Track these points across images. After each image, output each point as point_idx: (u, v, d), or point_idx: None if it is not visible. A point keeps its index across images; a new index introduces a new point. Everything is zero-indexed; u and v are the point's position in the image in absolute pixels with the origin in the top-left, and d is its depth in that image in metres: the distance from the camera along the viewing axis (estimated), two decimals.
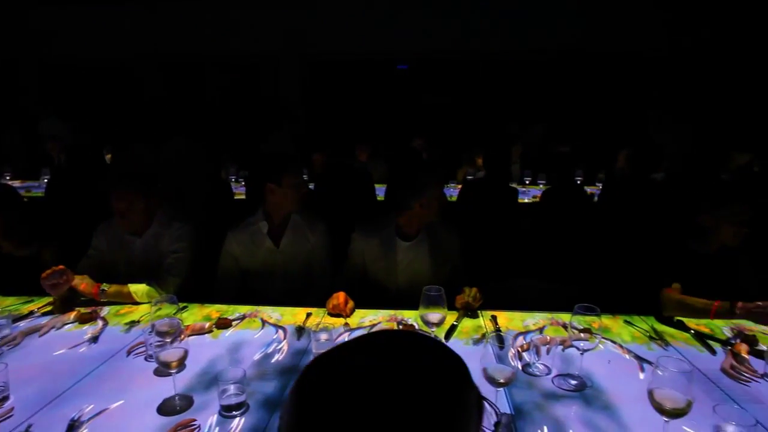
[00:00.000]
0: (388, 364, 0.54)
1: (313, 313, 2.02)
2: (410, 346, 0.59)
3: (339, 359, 0.56)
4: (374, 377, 0.52)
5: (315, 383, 0.54)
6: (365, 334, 0.61)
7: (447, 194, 4.91)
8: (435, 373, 0.55)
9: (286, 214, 2.34)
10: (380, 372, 0.53)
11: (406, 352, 0.58)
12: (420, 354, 0.58)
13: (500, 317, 1.95)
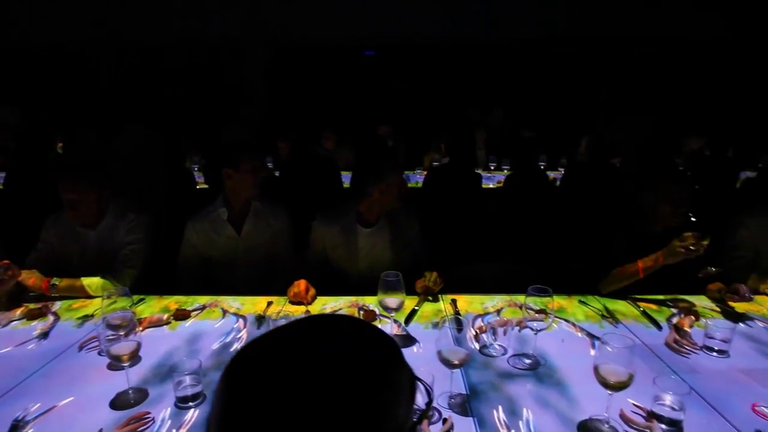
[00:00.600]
0: (317, 346, 0.55)
1: (274, 302, 2.00)
2: (341, 329, 0.60)
3: (269, 343, 0.56)
4: (302, 359, 0.53)
5: (243, 366, 0.54)
6: (299, 318, 0.61)
7: (414, 180, 4.97)
8: (363, 355, 0.55)
9: (247, 201, 2.31)
10: (308, 354, 0.53)
11: (336, 335, 0.58)
12: (350, 337, 0.58)
13: (460, 300, 1.99)
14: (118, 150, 3.46)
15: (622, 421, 1.25)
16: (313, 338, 0.56)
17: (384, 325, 1.78)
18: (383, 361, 0.56)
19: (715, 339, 1.57)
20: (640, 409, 1.28)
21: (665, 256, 1.88)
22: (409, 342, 1.67)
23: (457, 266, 2.45)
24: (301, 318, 0.61)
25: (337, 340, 0.56)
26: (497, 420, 1.26)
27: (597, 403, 1.25)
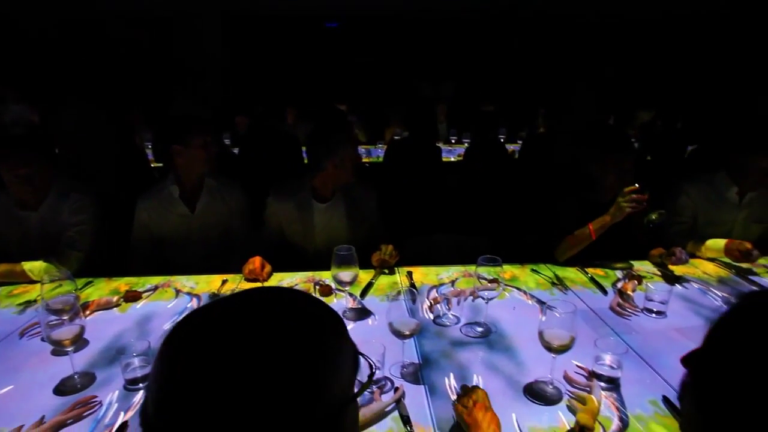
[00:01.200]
0: (256, 317, 0.54)
1: (230, 280, 1.98)
2: (282, 301, 0.60)
3: (208, 313, 0.56)
4: (238, 329, 0.52)
5: (180, 335, 0.53)
6: (239, 291, 0.61)
7: (375, 155, 4.94)
8: (303, 326, 0.55)
9: (199, 178, 2.24)
10: (245, 324, 0.53)
11: (277, 307, 0.58)
12: (291, 308, 0.58)
13: (416, 272, 2.01)
14: (60, 126, 3.28)
15: (566, 382, 1.30)
16: (253, 309, 0.56)
17: (340, 299, 1.79)
18: (323, 333, 0.56)
19: (654, 301, 1.66)
20: (582, 370, 1.34)
21: (613, 215, 1.95)
22: (365, 315, 1.68)
23: (414, 238, 2.48)
24: (244, 290, 0.61)
25: (277, 312, 0.56)
26: (448, 387, 1.30)
27: (543, 366, 1.30)
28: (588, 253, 2.09)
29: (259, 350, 0.50)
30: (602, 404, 1.20)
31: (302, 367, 0.52)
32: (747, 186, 2.17)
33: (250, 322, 0.53)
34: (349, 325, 1.62)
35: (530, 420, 1.16)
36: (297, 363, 0.51)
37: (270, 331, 0.53)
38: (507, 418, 1.17)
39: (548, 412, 1.21)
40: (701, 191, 2.25)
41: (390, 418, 1.18)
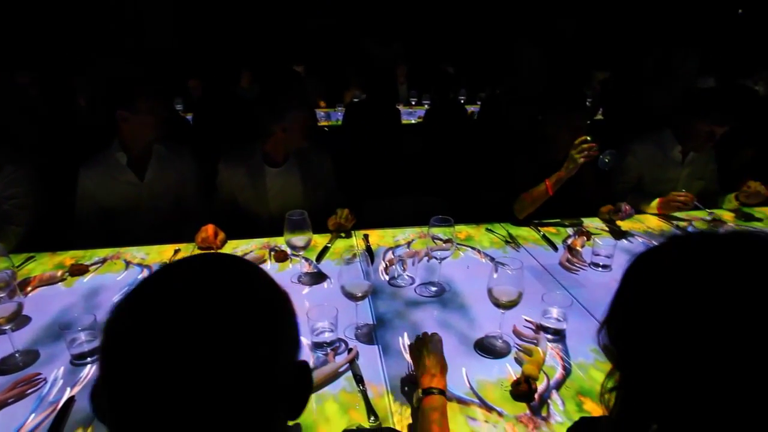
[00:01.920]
0: (197, 285, 0.53)
1: (182, 249, 1.93)
2: (228, 267, 0.58)
3: (156, 283, 0.54)
4: (188, 299, 0.51)
5: (129, 307, 0.52)
6: (181, 258, 0.59)
7: (334, 118, 4.85)
8: (251, 294, 0.54)
9: (147, 144, 2.14)
10: (195, 293, 0.51)
11: (224, 274, 0.56)
12: (235, 275, 0.57)
13: (372, 235, 2.01)
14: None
15: (515, 336, 1.35)
16: (202, 276, 0.54)
17: (295, 264, 1.77)
18: (272, 300, 0.56)
19: (601, 255, 1.72)
20: (530, 324, 1.39)
21: (567, 168, 1.98)
22: (320, 279, 1.68)
23: (373, 201, 2.47)
24: (186, 257, 0.59)
25: (227, 278, 0.55)
26: (401, 345, 1.32)
27: (493, 322, 1.34)
28: (543, 212, 2.14)
29: (212, 318, 0.49)
30: (548, 355, 1.26)
31: (257, 333, 0.51)
32: (690, 146, 2.25)
33: (201, 290, 0.52)
34: (305, 290, 1.62)
35: (479, 374, 1.21)
36: (251, 330, 0.51)
37: (222, 297, 0.52)
38: (457, 372, 1.21)
39: (497, 365, 1.25)
40: (647, 150, 2.32)
41: (343, 378, 1.20)
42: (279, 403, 0.53)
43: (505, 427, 1.04)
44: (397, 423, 1.06)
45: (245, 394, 0.48)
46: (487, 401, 1.11)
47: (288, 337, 0.57)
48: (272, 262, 1.83)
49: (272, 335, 0.53)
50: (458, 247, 1.92)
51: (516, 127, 3.34)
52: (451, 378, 1.18)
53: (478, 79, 5.68)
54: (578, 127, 2.01)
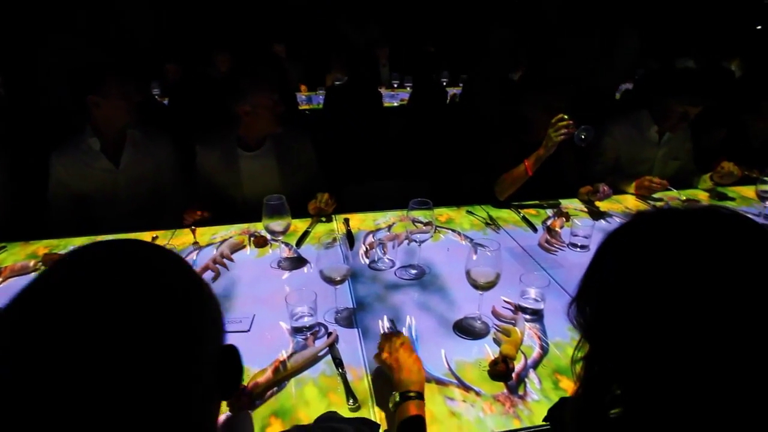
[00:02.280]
0: (90, 274, 0.49)
1: (160, 236, 1.90)
2: (122, 257, 0.54)
3: (49, 274, 0.51)
4: (69, 288, 0.48)
5: (21, 296, 0.48)
6: (87, 244, 0.55)
7: (316, 102, 4.79)
8: (127, 282, 0.50)
9: (121, 130, 2.08)
10: (78, 282, 0.48)
11: (114, 263, 0.52)
12: (145, 262, 0.53)
13: (353, 219, 2.00)
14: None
15: (494, 316, 1.37)
16: (95, 266, 0.51)
17: (275, 250, 1.76)
18: (169, 289, 0.52)
19: (579, 236, 1.74)
20: (509, 304, 1.41)
21: (545, 147, 1.98)
22: (301, 264, 1.67)
23: (354, 185, 2.45)
24: (92, 243, 0.55)
25: (138, 265, 0.52)
26: (381, 328, 1.33)
27: (473, 304, 1.35)
28: (523, 194, 2.15)
29: (113, 307, 0.46)
30: (525, 335, 1.27)
31: (163, 322, 0.48)
32: (666, 126, 2.27)
33: (102, 278, 0.49)
34: (285, 275, 1.61)
35: (458, 354, 1.22)
36: (156, 318, 0.48)
37: (125, 285, 0.49)
38: (436, 354, 1.22)
39: (476, 345, 1.26)
40: (625, 130, 2.34)
41: (323, 362, 1.20)
42: (196, 388, 0.50)
43: (482, 406, 1.06)
44: (377, 405, 1.06)
45: (153, 383, 0.46)
46: (466, 381, 1.13)
47: (202, 324, 0.54)
48: (252, 247, 1.81)
49: (181, 323, 0.50)
50: (439, 229, 1.92)
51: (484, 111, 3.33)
52: (430, 359, 1.20)
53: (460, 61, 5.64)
54: (556, 107, 2.01)
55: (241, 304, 1.45)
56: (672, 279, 0.54)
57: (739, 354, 0.51)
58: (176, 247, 1.80)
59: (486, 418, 1.03)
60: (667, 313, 0.53)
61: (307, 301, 1.29)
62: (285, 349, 1.23)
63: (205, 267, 1.63)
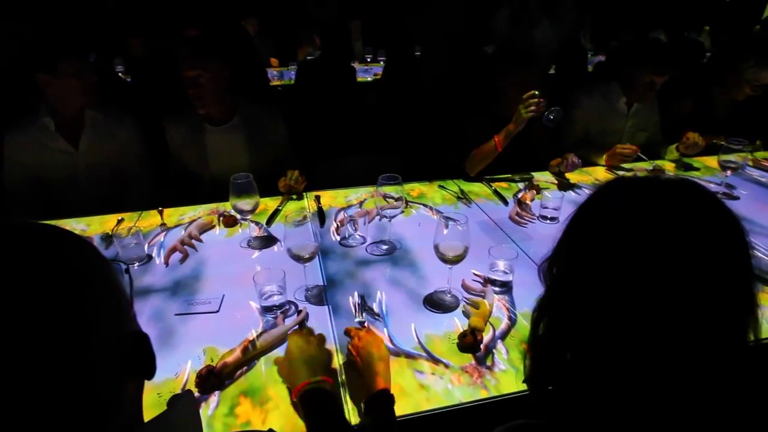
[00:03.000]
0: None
1: (126, 218, 1.85)
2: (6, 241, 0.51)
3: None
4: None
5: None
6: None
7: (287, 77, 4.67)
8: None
9: (78, 110, 1.99)
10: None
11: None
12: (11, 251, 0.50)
13: (324, 196, 1.98)
14: None
15: (463, 290, 1.38)
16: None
17: (245, 229, 1.73)
18: (58, 276, 0.48)
19: (548, 208, 1.76)
20: (479, 277, 1.42)
21: (515, 122, 1.98)
22: (271, 242, 1.65)
23: (327, 162, 2.42)
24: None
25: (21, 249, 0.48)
26: (351, 305, 1.32)
27: (443, 278, 1.36)
28: (495, 168, 2.15)
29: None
30: (494, 307, 1.29)
31: (50, 309, 0.44)
32: (634, 97, 2.29)
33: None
34: (255, 254, 1.59)
35: (427, 328, 1.23)
36: (42, 306, 0.44)
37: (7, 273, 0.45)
38: (406, 328, 1.22)
39: (447, 319, 1.28)
40: (594, 102, 2.35)
41: None
42: (91, 372, 0.47)
43: (451, 378, 1.07)
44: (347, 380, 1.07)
45: (45, 371, 0.42)
46: (434, 354, 1.14)
47: (101, 309, 0.50)
48: (221, 227, 1.78)
49: (71, 309, 0.46)
50: (411, 204, 1.92)
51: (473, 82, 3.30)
52: (400, 333, 1.20)
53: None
54: (527, 81, 2.00)
55: (210, 285, 1.43)
56: (638, 245, 0.55)
57: (690, 317, 0.54)
58: (142, 230, 1.75)
59: (454, 390, 1.04)
60: (629, 279, 0.55)
61: (275, 279, 1.27)
62: (255, 329, 1.23)
63: (172, 248, 1.60)
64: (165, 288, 1.41)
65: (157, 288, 1.41)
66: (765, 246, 1.61)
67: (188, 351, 1.16)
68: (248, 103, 2.11)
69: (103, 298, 0.50)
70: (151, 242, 1.68)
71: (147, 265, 1.54)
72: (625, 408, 0.58)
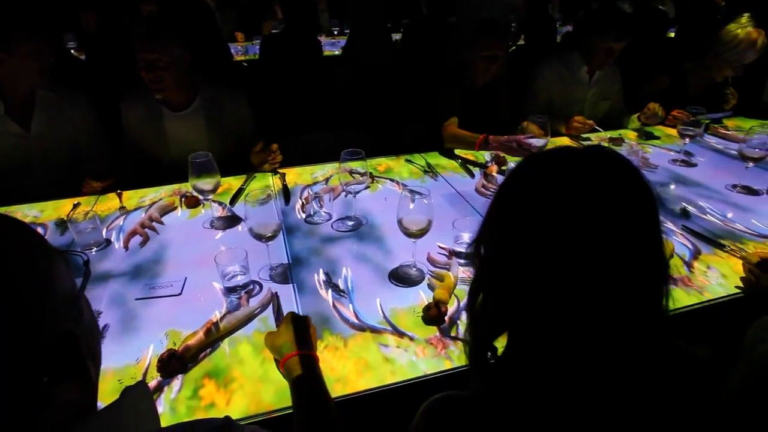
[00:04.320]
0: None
1: (83, 203, 1.78)
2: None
3: None
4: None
5: None
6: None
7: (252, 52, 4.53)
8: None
9: (29, 90, 1.89)
10: None
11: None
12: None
13: (290, 173, 1.95)
14: None
15: (429, 263, 1.39)
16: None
17: (208, 209, 1.69)
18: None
19: None
20: (444, 250, 1.43)
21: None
22: (235, 222, 1.62)
23: (292, 138, 2.38)
24: None
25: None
26: (317, 282, 1.32)
27: (409, 252, 1.36)
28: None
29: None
30: (459, 279, 1.30)
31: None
32: (595, 64, 2.31)
33: None
34: (218, 234, 1.56)
35: (393, 302, 1.23)
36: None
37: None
38: (371, 303, 1.23)
39: (412, 292, 1.28)
40: (556, 71, 2.36)
41: (257, 320, 1.18)
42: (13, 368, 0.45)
43: (415, 350, 1.09)
44: None
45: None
46: (400, 328, 1.15)
47: (14, 309, 0.47)
48: (183, 208, 1.73)
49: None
50: (377, 179, 1.90)
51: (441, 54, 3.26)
52: (365, 309, 1.21)
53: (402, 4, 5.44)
54: (493, 55, 1.99)
55: (172, 268, 1.40)
56: (552, 215, 0.56)
57: (611, 285, 0.55)
58: (100, 214, 1.70)
59: (419, 362, 1.06)
60: (549, 249, 0.56)
61: (238, 259, 1.25)
62: (218, 310, 1.21)
63: (132, 232, 1.55)
64: (125, 273, 1.38)
65: (116, 273, 1.38)
66: (718, 209, 1.67)
67: (150, 336, 1.14)
68: (210, 86, 2.02)
69: (16, 298, 0.46)
70: (109, 226, 1.63)
71: (105, 250, 1.49)
72: (548, 378, 0.59)
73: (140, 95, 1.96)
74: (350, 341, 1.11)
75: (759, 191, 1.78)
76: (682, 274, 1.33)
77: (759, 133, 1.78)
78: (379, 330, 1.14)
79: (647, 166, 2.00)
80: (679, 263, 1.38)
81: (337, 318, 1.18)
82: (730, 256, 1.40)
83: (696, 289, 1.27)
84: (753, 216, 1.62)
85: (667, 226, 1.57)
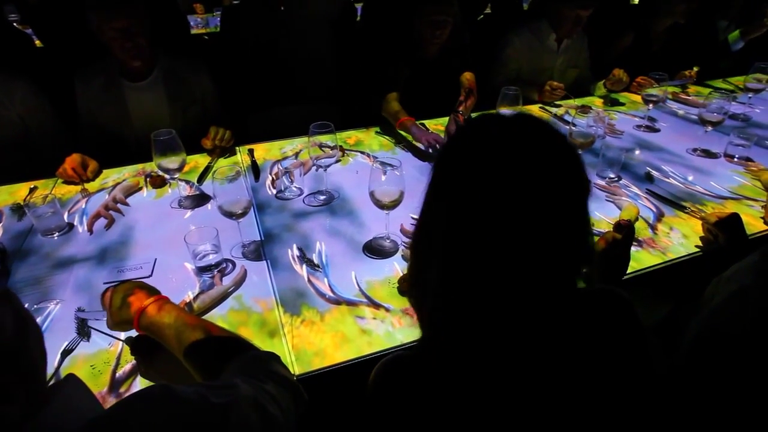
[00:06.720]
0: None
1: (40, 186, 1.71)
2: None
3: None
4: None
5: None
6: None
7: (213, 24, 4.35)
8: None
9: None
10: None
11: None
12: None
13: (258, 149, 1.91)
14: None
15: (402, 234, 1.39)
16: None
17: (175, 189, 1.65)
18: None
19: None
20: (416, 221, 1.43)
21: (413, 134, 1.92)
22: (203, 200, 1.58)
23: (259, 113, 2.32)
24: None
25: None
26: (291, 257, 1.31)
27: (382, 224, 1.36)
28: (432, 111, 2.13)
29: None
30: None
31: None
32: (562, 33, 2.31)
33: None
34: (187, 214, 1.52)
35: (368, 275, 1.24)
36: None
37: None
38: (346, 277, 1.23)
39: (386, 264, 1.29)
40: (525, 40, 2.35)
41: (231, 298, 1.17)
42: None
43: (392, 321, 1.10)
44: (288, 333, 1.07)
45: None
46: (375, 299, 1.16)
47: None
48: (149, 188, 1.68)
49: None
50: (348, 152, 1.88)
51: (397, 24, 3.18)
52: (340, 282, 1.21)
53: None
54: (438, 22, 1.96)
55: (140, 250, 1.36)
56: (480, 178, 0.58)
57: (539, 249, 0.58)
58: (60, 197, 1.63)
59: (395, 332, 1.07)
60: (478, 213, 0.58)
61: (208, 238, 1.23)
62: (191, 290, 1.19)
63: (95, 214, 1.50)
64: (90, 257, 1.33)
65: (81, 258, 1.33)
66: (679, 172, 1.72)
67: None
68: (169, 57, 1.93)
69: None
70: (71, 210, 1.57)
71: (68, 235, 1.44)
72: (472, 335, 0.62)
73: (97, 68, 1.86)
74: (327, 315, 1.12)
75: (717, 154, 1.85)
76: (646, 237, 1.38)
77: (717, 98, 1.83)
78: (355, 303, 1.15)
79: (613, 132, 2.04)
80: (644, 226, 1.43)
81: (312, 292, 1.18)
82: (691, 218, 1.46)
83: (660, 250, 1.32)
84: (711, 178, 1.69)
85: (633, 190, 1.61)
